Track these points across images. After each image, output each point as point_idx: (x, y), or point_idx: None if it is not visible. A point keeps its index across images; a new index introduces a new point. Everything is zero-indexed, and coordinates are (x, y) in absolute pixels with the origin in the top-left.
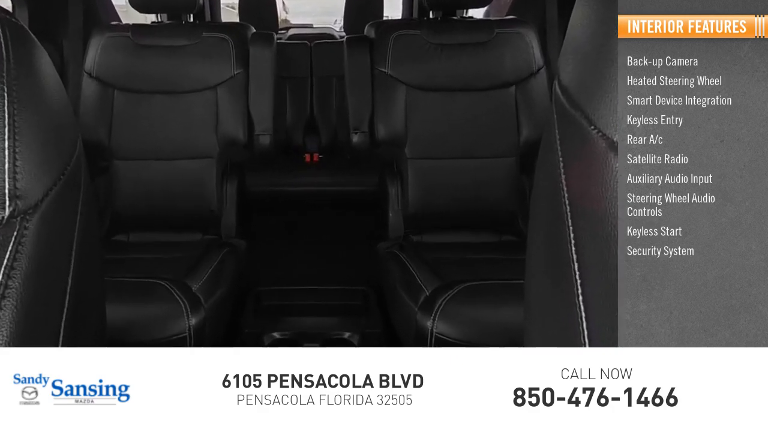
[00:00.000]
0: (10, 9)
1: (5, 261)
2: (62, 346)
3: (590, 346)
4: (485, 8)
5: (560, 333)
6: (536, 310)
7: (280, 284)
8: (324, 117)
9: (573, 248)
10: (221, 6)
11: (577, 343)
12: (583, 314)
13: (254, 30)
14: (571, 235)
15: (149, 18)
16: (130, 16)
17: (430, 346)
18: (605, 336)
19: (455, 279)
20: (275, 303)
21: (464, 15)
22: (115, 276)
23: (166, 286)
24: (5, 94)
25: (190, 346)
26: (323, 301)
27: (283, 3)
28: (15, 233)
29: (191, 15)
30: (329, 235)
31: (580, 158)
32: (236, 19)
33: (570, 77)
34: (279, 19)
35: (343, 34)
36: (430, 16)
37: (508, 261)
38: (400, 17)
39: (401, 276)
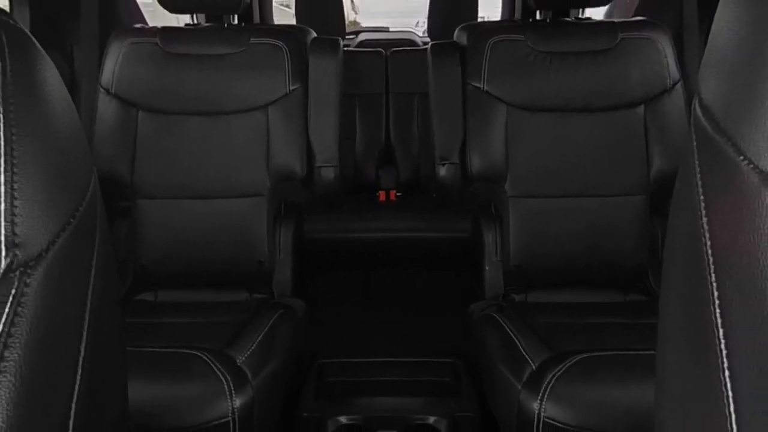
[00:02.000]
0: (7, 8)
1: (1, 326)
2: None
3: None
4: (607, 7)
5: (701, 419)
6: (671, 389)
7: (347, 356)
8: (403, 145)
9: (717, 311)
10: (273, 4)
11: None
12: (731, 396)
13: (315, 35)
14: (716, 294)
15: (182, 20)
16: (158, 16)
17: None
18: (758, 427)
19: (568, 349)
20: (342, 379)
21: (580, 16)
22: (140, 346)
23: (204, 358)
24: (1, 117)
25: (233, 431)
26: (402, 377)
27: (352, 1)
28: (13, 291)
29: (235, 16)
30: (410, 296)
31: (727, 196)
32: (292, 21)
33: (714, 95)
34: (347, 21)
35: (428, 39)
36: (537, 17)
37: (635, 326)
38: (499, 18)
39: (501, 345)
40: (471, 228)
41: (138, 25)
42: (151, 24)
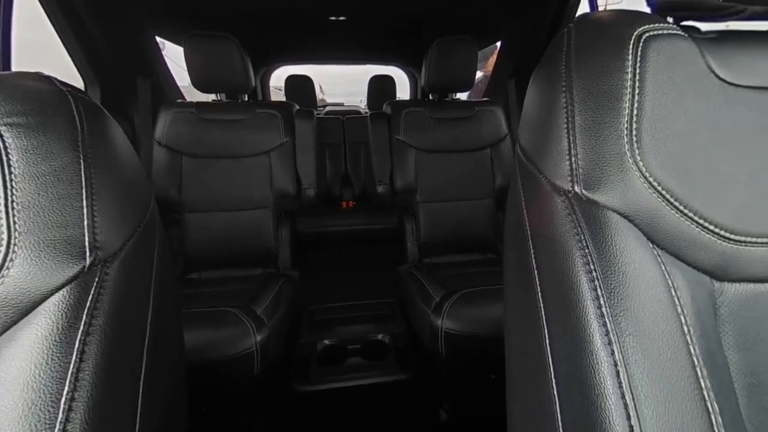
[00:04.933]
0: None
1: (88, 303)
2: (143, 373)
3: (548, 330)
4: (467, 93)
5: (527, 322)
6: (510, 306)
7: (327, 302)
8: (356, 173)
9: (534, 262)
10: (271, 88)
11: (538, 328)
12: (542, 308)
13: (298, 107)
14: (532, 252)
15: (209, 97)
16: (192, 94)
17: (441, 339)
18: (556, 325)
19: (456, 288)
20: (325, 317)
21: (453, 97)
22: (191, 308)
23: (235, 312)
24: (81, 160)
25: (257, 359)
26: (361, 313)
27: (320, 87)
28: (96, 279)
29: (246, 95)
30: (363, 263)
31: (535, 198)
32: (283, 98)
33: (526, 141)
34: (318, 99)
35: (368, 110)
36: (430, 97)
37: (491, 272)
38: (407, 98)
39: (417, 289)
40: (397, 221)
41: (179, 100)
42: (188, 99)
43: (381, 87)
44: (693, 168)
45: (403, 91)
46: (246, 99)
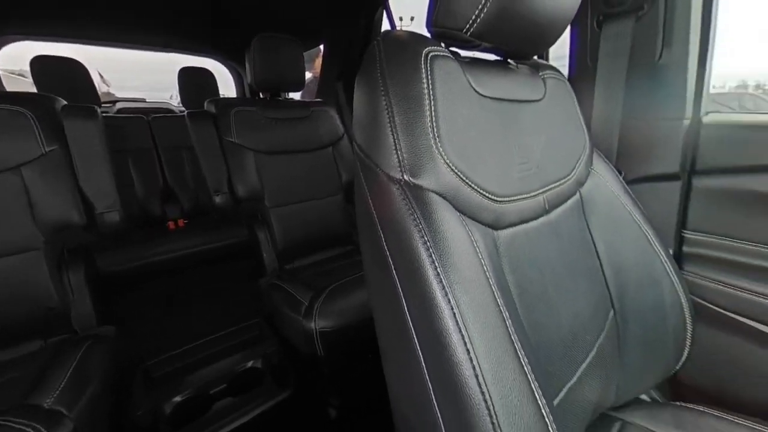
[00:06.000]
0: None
1: None
2: None
3: (405, 298)
4: (300, 93)
5: (387, 297)
6: (374, 287)
7: (169, 350)
8: (179, 185)
9: (385, 244)
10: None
11: (397, 299)
12: (398, 283)
13: (65, 102)
14: (380, 233)
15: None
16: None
17: (317, 341)
18: (409, 293)
19: (323, 286)
20: (166, 370)
21: (286, 96)
22: None
23: (4, 423)
24: None
25: None
26: (222, 346)
27: (101, 76)
28: None
29: None
30: (211, 288)
31: (376, 187)
32: (31, 88)
33: (360, 139)
34: (100, 93)
35: (183, 108)
36: (260, 96)
37: (353, 263)
38: (234, 96)
39: (283, 298)
40: (247, 232)
41: None
42: None
43: (197, 82)
44: (470, 155)
45: (227, 88)
46: None
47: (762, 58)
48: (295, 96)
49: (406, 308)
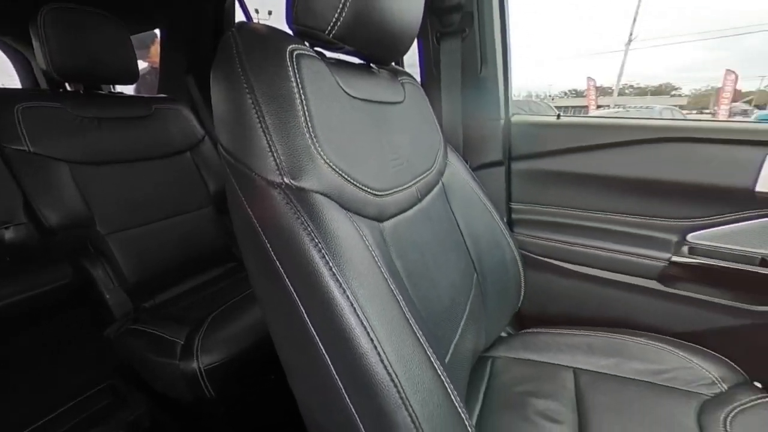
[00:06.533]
0: None
1: None
2: None
3: (302, 305)
4: (134, 85)
5: (283, 308)
6: (266, 302)
7: None
8: None
9: (273, 254)
10: None
11: (295, 308)
12: (293, 291)
13: None
14: (268, 245)
15: None
16: None
17: (204, 381)
18: (301, 289)
19: (201, 316)
20: None
21: (112, 90)
22: None
23: None
24: None
25: None
26: (64, 428)
27: None
28: None
29: None
30: (32, 356)
31: (254, 191)
32: None
33: (227, 141)
34: None
35: None
36: (68, 88)
37: (238, 281)
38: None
39: (148, 344)
40: (72, 272)
41: None
42: None
43: None
44: (348, 153)
45: (9, 76)
46: None
47: (536, 78)
48: (127, 90)
49: (305, 314)
